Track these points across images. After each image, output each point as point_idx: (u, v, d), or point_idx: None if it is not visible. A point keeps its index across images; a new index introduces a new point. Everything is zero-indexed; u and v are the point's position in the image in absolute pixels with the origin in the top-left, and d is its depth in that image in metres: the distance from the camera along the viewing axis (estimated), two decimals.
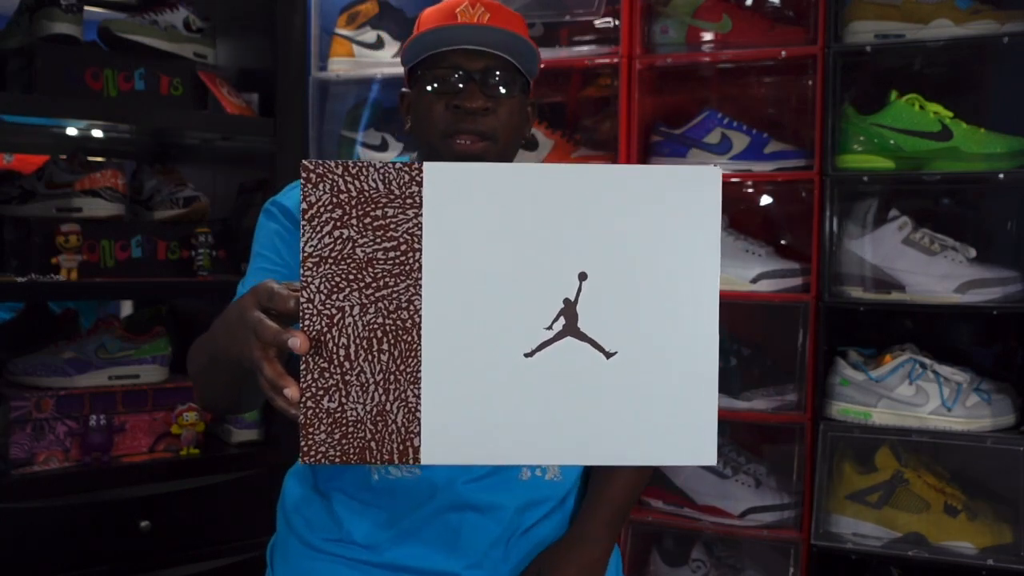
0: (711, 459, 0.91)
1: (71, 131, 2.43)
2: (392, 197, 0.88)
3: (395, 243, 0.89)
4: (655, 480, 2.26)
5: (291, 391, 0.90)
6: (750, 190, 2.34)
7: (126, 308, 2.71)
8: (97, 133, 2.45)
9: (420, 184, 0.88)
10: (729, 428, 2.30)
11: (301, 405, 0.90)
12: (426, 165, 0.88)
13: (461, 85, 1.29)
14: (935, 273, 2.01)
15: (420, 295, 0.89)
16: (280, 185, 2.16)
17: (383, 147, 2.47)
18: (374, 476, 1.31)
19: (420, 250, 0.89)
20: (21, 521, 1.88)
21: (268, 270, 1.31)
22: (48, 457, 1.98)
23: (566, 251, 0.89)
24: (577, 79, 2.45)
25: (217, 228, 2.23)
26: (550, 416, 0.90)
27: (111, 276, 2.09)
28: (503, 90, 1.30)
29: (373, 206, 0.88)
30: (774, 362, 2.22)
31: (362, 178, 0.88)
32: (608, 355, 0.90)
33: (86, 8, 2.07)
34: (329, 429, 0.90)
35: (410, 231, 0.89)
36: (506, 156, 1.36)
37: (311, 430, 0.90)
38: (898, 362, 2.03)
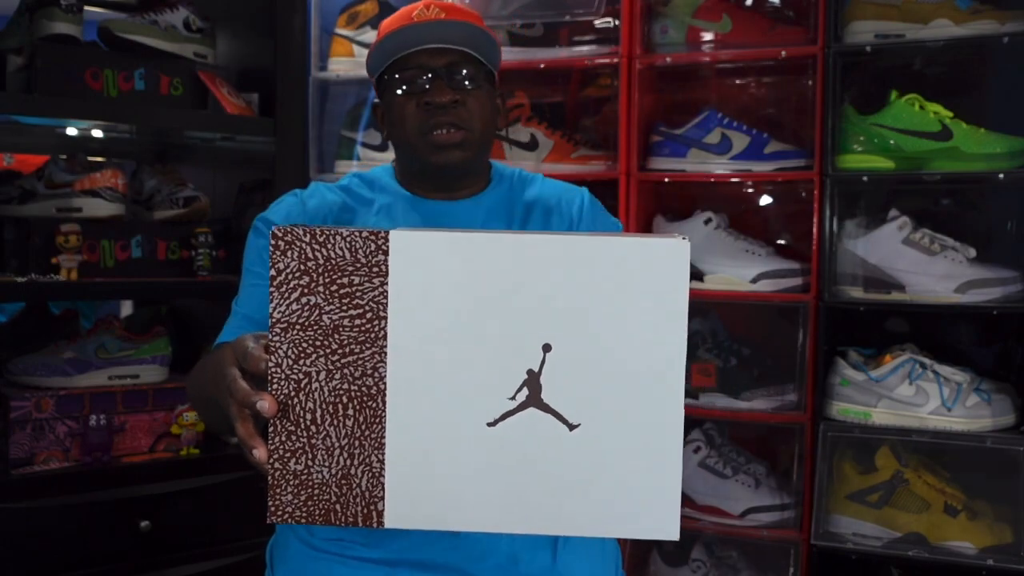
0: (673, 535, 0.90)
1: (71, 131, 2.43)
2: (359, 265, 0.89)
3: (361, 311, 0.89)
4: None
5: (259, 452, 0.92)
6: (750, 190, 2.34)
7: (126, 308, 2.71)
8: (97, 133, 2.45)
9: (386, 253, 0.89)
10: (729, 428, 2.30)
11: (268, 466, 0.91)
12: (392, 234, 0.89)
13: (428, 83, 1.34)
14: (935, 273, 2.01)
15: (385, 362, 0.90)
16: (279, 185, 2.18)
17: (383, 147, 2.47)
18: None
19: (385, 318, 0.89)
20: (21, 521, 1.88)
21: (258, 286, 1.36)
22: (48, 457, 1.98)
23: (531, 322, 0.88)
24: (577, 79, 2.45)
25: (217, 228, 2.23)
26: (512, 485, 0.90)
27: (111, 276, 2.09)
28: (468, 83, 1.35)
29: (340, 274, 0.89)
30: (774, 362, 2.22)
31: (329, 246, 0.89)
32: (571, 427, 0.90)
33: (86, 8, 2.07)
34: (295, 490, 0.91)
35: (376, 299, 0.89)
36: (483, 146, 1.40)
37: (278, 490, 0.91)
38: (898, 362, 2.03)
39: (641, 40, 2.23)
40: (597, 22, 2.31)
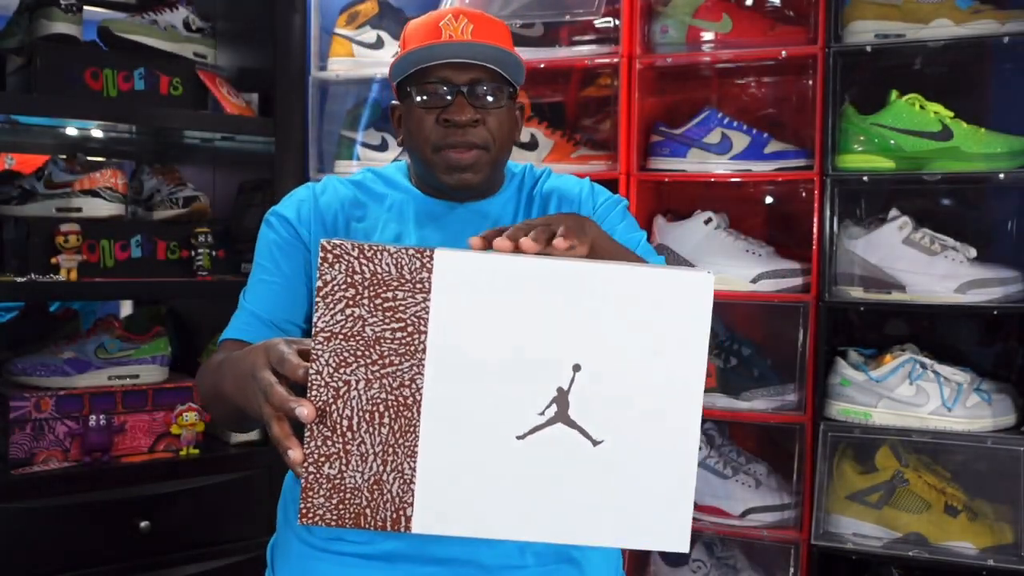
0: (684, 547, 0.95)
1: (71, 131, 2.43)
2: (403, 281, 0.93)
3: (403, 324, 0.93)
4: None
5: (295, 453, 0.94)
6: (750, 190, 2.34)
7: (126, 308, 2.71)
8: (97, 133, 2.46)
9: (430, 271, 0.92)
10: (729, 428, 2.30)
11: (303, 469, 0.94)
12: (437, 253, 0.92)
13: (449, 98, 1.32)
14: (935, 273, 2.01)
15: (423, 374, 0.93)
16: (279, 185, 2.18)
17: (383, 147, 2.47)
18: None
19: (426, 333, 0.93)
20: (21, 521, 1.88)
21: (267, 281, 1.36)
22: (48, 457, 1.98)
23: (563, 343, 0.93)
24: (577, 79, 2.45)
25: (217, 228, 2.23)
26: (536, 496, 0.95)
27: (111, 276, 2.09)
28: (491, 100, 1.33)
29: (384, 288, 0.93)
30: (774, 362, 2.22)
31: (376, 261, 0.93)
32: (595, 443, 0.94)
33: (86, 8, 2.07)
34: (328, 494, 0.94)
35: (418, 314, 0.93)
36: (499, 161, 1.39)
37: (311, 493, 0.94)
38: (898, 362, 2.02)
39: (641, 40, 2.23)
40: (597, 22, 2.30)
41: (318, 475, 0.94)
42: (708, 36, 2.22)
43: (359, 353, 0.93)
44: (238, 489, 2.13)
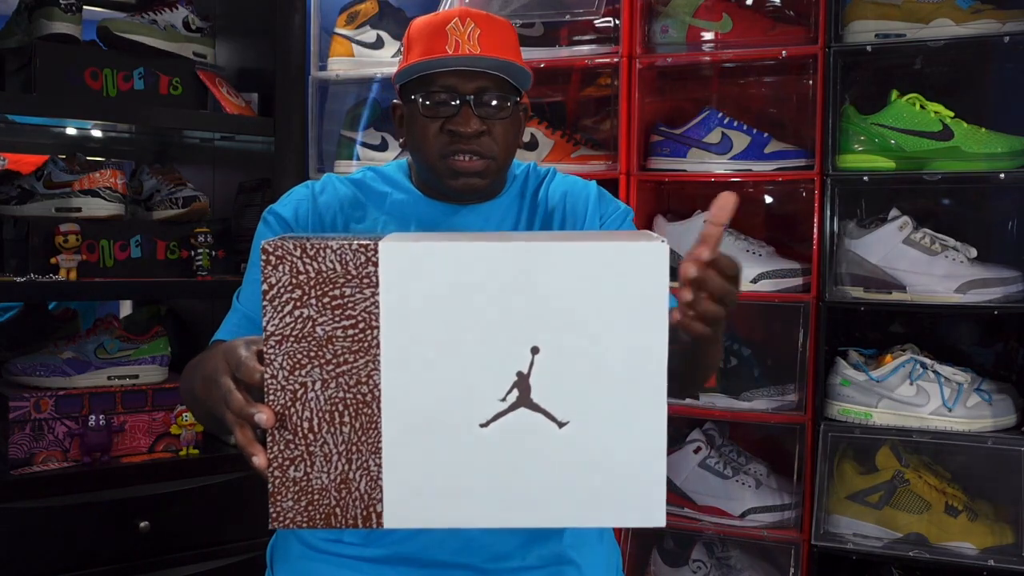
0: (659, 521, 0.95)
1: (70, 131, 2.43)
2: (350, 277, 0.91)
3: (353, 321, 0.92)
4: None
5: (259, 459, 0.94)
6: (750, 190, 2.34)
7: (125, 308, 2.71)
8: (96, 133, 2.45)
9: (376, 264, 0.91)
10: (729, 428, 2.30)
11: (268, 473, 0.93)
12: (381, 245, 0.91)
13: (455, 106, 1.30)
14: (936, 273, 2.01)
15: (379, 370, 0.92)
16: (279, 185, 2.18)
17: (383, 147, 2.46)
18: None
19: (378, 327, 0.92)
20: (20, 521, 1.88)
21: (259, 281, 1.33)
22: (47, 457, 1.98)
23: (519, 326, 0.92)
24: (577, 79, 2.45)
25: (216, 228, 2.23)
26: (506, 482, 0.94)
27: (110, 276, 2.08)
28: (496, 111, 1.31)
29: (331, 286, 0.92)
30: (774, 362, 2.22)
31: (320, 259, 0.91)
32: (560, 424, 0.93)
33: (85, 7, 2.07)
34: (295, 496, 0.94)
35: (368, 309, 0.92)
36: (503, 169, 1.38)
37: (279, 497, 0.94)
38: (899, 362, 2.02)
39: (641, 40, 2.23)
40: (597, 22, 2.30)
41: (284, 478, 0.93)
42: (708, 36, 2.22)
43: (312, 354, 0.92)
44: (238, 489, 2.12)
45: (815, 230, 2.08)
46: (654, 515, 0.95)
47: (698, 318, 1.04)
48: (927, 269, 2.01)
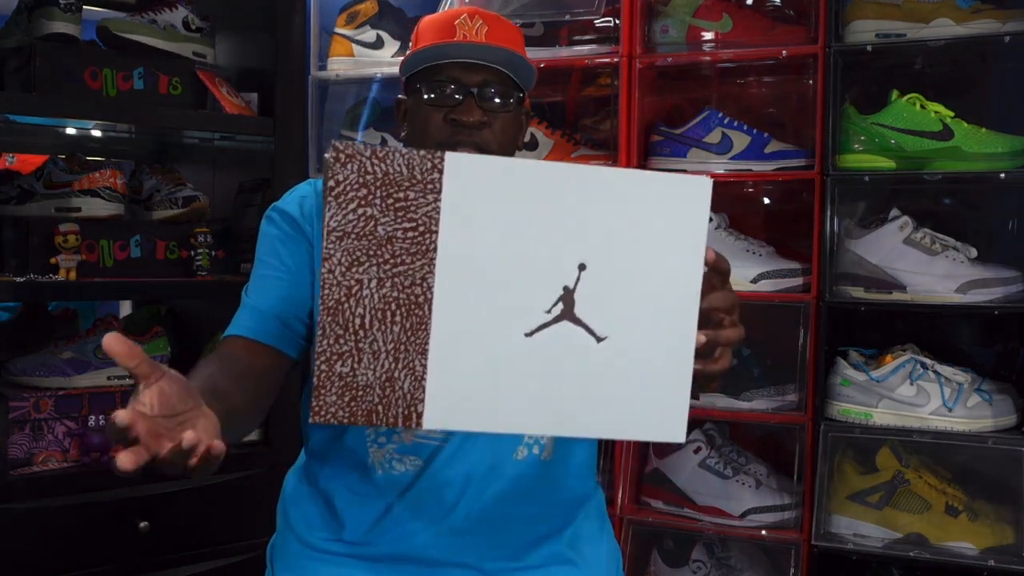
0: (680, 437, 1.00)
1: (70, 131, 2.43)
2: (414, 181, 0.94)
3: (414, 224, 0.94)
4: (655, 481, 2.26)
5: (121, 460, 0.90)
6: (750, 190, 2.34)
7: (125, 308, 2.71)
8: (96, 133, 2.45)
9: (441, 172, 0.94)
10: (729, 428, 2.30)
11: (315, 368, 0.95)
12: (448, 155, 0.94)
13: (459, 98, 1.31)
14: (936, 273, 2.01)
15: (433, 273, 0.95)
16: (279, 185, 2.18)
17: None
18: (378, 472, 1.31)
19: (436, 232, 0.95)
20: (20, 521, 1.88)
21: (270, 276, 1.34)
22: (47, 457, 1.98)
23: (569, 243, 0.96)
24: (577, 79, 2.45)
25: (216, 228, 2.22)
26: (542, 391, 0.98)
27: (110, 276, 2.08)
28: (499, 105, 1.33)
29: (396, 188, 0.94)
30: (774, 362, 2.22)
31: (388, 161, 0.94)
32: (599, 339, 0.97)
33: (85, 7, 2.07)
34: (340, 392, 0.95)
35: (428, 214, 0.95)
36: None
37: (323, 391, 0.95)
38: (899, 362, 2.02)
39: (641, 40, 2.23)
40: (597, 21, 2.30)
41: (330, 373, 0.95)
42: (708, 36, 2.21)
43: (371, 252, 0.94)
44: (238, 489, 2.12)
45: (815, 230, 2.08)
46: (675, 431, 1.00)
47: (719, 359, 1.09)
48: (927, 269, 2.01)
